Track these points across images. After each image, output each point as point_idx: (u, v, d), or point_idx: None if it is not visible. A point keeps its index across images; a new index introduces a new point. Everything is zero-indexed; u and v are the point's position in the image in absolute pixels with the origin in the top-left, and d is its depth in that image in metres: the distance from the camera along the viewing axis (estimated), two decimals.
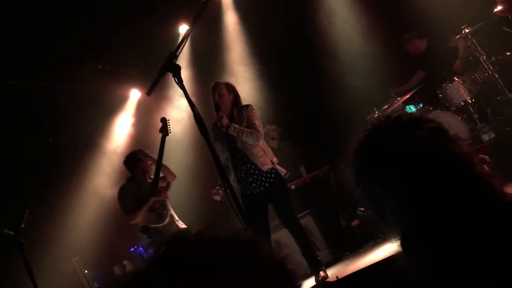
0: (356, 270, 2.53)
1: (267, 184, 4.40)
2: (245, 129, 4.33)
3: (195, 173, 6.89)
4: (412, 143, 0.98)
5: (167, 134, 4.76)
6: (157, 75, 2.73)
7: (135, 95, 7.65)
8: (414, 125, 1.05)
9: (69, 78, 6.71)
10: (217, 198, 4.38)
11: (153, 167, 4.72)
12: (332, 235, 5.79)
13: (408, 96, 5.82)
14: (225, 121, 4.37)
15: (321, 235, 5.57)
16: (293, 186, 6.11)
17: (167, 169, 4.80)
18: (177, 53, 2.76)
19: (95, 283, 6.29)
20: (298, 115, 7.08)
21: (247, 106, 4.54)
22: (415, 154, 0.97)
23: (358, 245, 5.61)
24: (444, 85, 5.79)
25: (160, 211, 4.60)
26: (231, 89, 4.57)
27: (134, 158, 4.74)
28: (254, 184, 4.40)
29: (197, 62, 7.34)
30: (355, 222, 5.82)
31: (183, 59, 7.15)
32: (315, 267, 4.49)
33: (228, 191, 2.75)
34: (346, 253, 5.51)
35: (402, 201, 0.98)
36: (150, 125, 7.47)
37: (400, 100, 5.79)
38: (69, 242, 6.69)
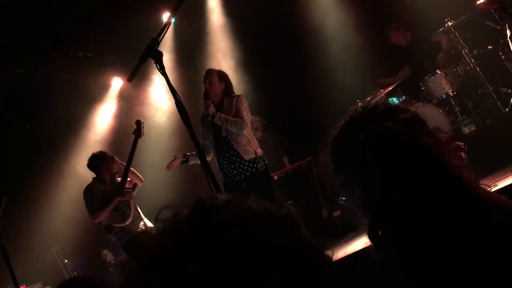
0: (335, 260, 2.54)
1: (248, 173, 4.40)
2: (230, 118, 4.34)
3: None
4: (377, 133, 0.98)
5: (140, 136, 4.84)
6: (138, 61, 2.69)
7: (117, 83, 7.55)
8: (388, 115, 1.04)
9: (49, 65, 6.60)
10: (170, 167, 4.48)
11: (122, 168, 4.80)
12: (313, 226, 5.82)
13: (391, 88, 5.86)
14: (212, 109, 4.37)
15: (303, 226, 5.59)
16: (275, 176, 6.12)
17: (133, 173, 4.84)
18: (159, 40, 2.72)
19: (75, 272, 6.24)
20: (282, 106, 7.07)
21: (238, 96, 4.56)
22: (379, 145, 0.97)
23: (339, 236, 5.65)
24: (426, 77, 5.83)
25: (124, 211, 4.64)
26: (223, 78, 4.57)
27: (100, 159, 4.81)
28: (235, 171, 4.41)
29: (180, 49, 7.27)
30: (336, 213, 5.86)
31: (166, 46, 7.08)
32: None
33: (208, 174, 2.70)
34: (328, 244, 5.54)
35: (365, 192, 0.97)
36: (133, 114, 7.39)
37: (383, 92, 5.82)
38: (48, 231, 6.61)
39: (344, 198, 5.75)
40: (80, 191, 7.27)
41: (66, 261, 6.27)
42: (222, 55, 7.30)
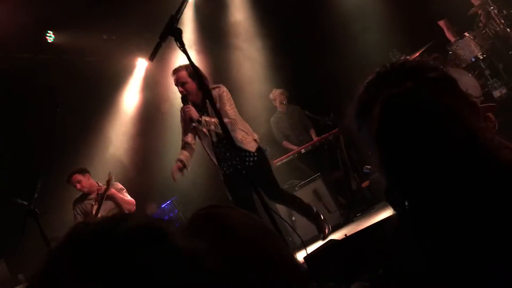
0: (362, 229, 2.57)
1: (251, 164, 4.13)
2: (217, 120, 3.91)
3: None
4: (394, 95, 0.96)
5: (108, 189, 4.85)
6: (158, 40, 2.70)
7: (142, 64, 7.62)
8: (414, 73, 1.01)
9: (75, 49, 6.70)
10: (174, 177, 4.20)
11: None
12: (343, 197, 5.83)
13: (417, 54, 5.71)
14: (194, 114, 3.97)
15: (332, 198, 5.59)
16: (302, 149, 6.12)
17: (117, 201, 4.95)
18: (178, 17, 2.73)
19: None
20: (306, 78, 7.01)
21: (218, 87, 4.11)
22: (394, 108, 0.95)
23: (369, 206, 5.65)
24: (454, 41, 5.66)
25: None
26: (192, 73, 3.92)
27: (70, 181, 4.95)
28: (234, 162, 4.15)
29: (200, 26, 7.25)
30: (365, 184, 5.83)
31: (187, 24, 7.08)
32: (319, 230, 4.55)
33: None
34: (357, 214, 5.54)
35: (382, 153, 0.96)
36: (158, 94, 7.48)
37: (409, 59, 5.67)
38: None
39: (369, 167, 5.72)
40: (111, 170, 7.50)
41: None
42: (244, 30, 7.25)
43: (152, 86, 7.69)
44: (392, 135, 0.93)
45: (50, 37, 6.35)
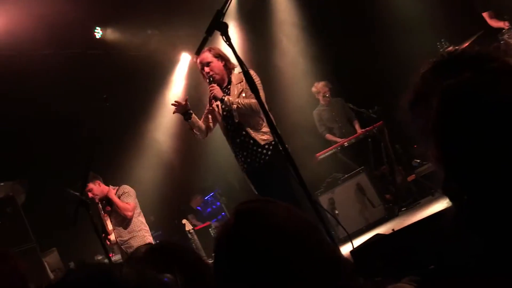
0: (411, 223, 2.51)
1: (267, 158, 3.82)
2: (242, 101, 3.79)
3: None
4: (451, 87, 0.93)
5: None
6: (205, 35, 2.73)
7: (185, 58, 7.73)
8: (473, 63, 0.98)
9: (121, 44, 6.87)
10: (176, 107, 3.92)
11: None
12: (387, 191, 5.73)
13: (466, 45, 5.52)
14: (218, 92, 3.83)
15: (376, 192, 5.52)
16: (346, 143, 6.05)
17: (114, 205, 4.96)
18: (224, 11, 2.74)
19: (157, 241, 6.60)
20: (350, 71, 6.91)
21: (246, 71, 4.00)
22: (451, 101, 0.92)
23: (414, 200, 5.54)
24: (506, 29, 5.43)
25: None
26: (219, 54, 3.95)
27: None
28: (249, 159, 3.87)
29: (244, 20, 7.27)
30: (411, 177, 5.72)
31: (230, 19, 7.12)
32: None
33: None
34: (402, 209, 5.45)
35: (439, 146, 0.93)
36: (202, 87, 7.56)
37: (459, 49, 5.49)
38: None
39: (418, 161, 5.59)
40: (158, 166, 7.69)
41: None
42: (288, 23, 7.22)
43: (196, 80, 7.79)
44: (452, 127, 0.91)
45: (98, 33, 6.54)
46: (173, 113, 4.04)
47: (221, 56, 3.93)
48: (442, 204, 4.36)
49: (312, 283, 0.99)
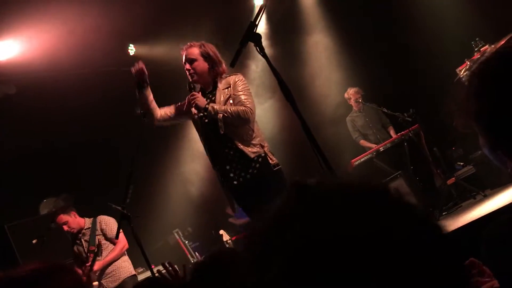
0: (457, 227, 2.44)
1: (255, 172, 3.42)
2: (229, 108, 3.40)
3: (283, 139, 6.86)
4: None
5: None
6: (239, 46, 2.76)
7: None
8: None
9: (153, 60, 7.01)
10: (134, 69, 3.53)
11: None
12: (426, 196, 5.61)
13: (502, 42, 5.38)
14: (201, 101, 3.43)
15: (415, 197, 5.40)
16: (381, 148, 5.98)
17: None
18: (256, 23, 2.77)
19: (196, 253, 6.66)
20: (381, 75, 6.85)
21: (235, 75, 3.55)
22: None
23: (455, 204, 5.41)
24: None
25: None
26: (207, 53, 3.54)
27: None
28: (231, 174, 3.47)
29: (273, 30, 7.32)
30: (451, 181, 5.59)
31: (262, 30, 7.17)
32: None
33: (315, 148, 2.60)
34: (443, 213, 5.32)
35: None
36: None
37: (495, 47, 5.37)
38: (168, 215, 7.13)
39: (462, 163, 5.46)
40: (189, 175, 7.77)
41: (186, 242, 6.71)
42: (317, 31, 7.23)
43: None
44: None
45: (132, 50, 6.70)
46: (133, 73, 3.59)
47: (209, 57, 3.54)
48: (484, 207, 4.24)
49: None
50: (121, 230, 4.35)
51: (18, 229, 5.44)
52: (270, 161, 3.45)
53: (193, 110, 3.53)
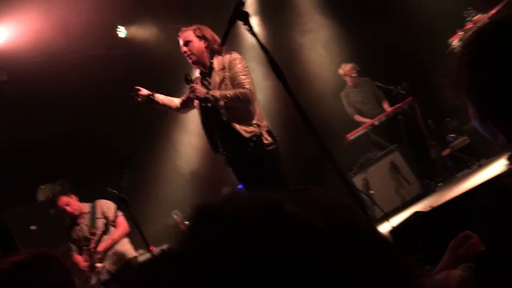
0: (453, 197, 2.47)
1: (250, 150, 3.47)
2: (229, 93, 3.42)
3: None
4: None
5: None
6: (227, 25, 2.73)
7: None
8: None
9: (144, 41, 6.94)
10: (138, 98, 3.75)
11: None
12: (422, 167, 5.65)
13: (494, 11, 5.34)
14: (201, 92, 3.47)
15: (410, 169, 5.45)
16: (376, 121, 5.98)
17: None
18: (244, 0, 2.73)
19: None
20: (375, 49, 6.80)
21: (230, 54, 3.57)
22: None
23: (450, 175, 5.45)
24: None
25: None
26: (202, 34, 3.62)
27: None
28: (230, 153, 3.57)
29: (265, 7, 7.23)
30: (446, 152, 5.62)
31: (251, 7, 7.09)
32: None
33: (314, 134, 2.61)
34: (439, 184, 5.37)
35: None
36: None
37: (487, 16, 5.32)
38: (167, 196, 7.15)
39: (453, 135, 5.48)
40: (187, 157, 7.78)
41: (186, 223, 6.75)
42: (309, 5, 7.14)
43: None
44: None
45: (121, 32, 6.61)
46: (137, 102, 3.80)
47: (204, 37, 3.61)
48: (479, 177, 4.27)
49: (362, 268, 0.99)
50: (122, 213, 4.38)
51: (16, 216, 5.47)
52: (265, 141, 3.46)
53: (195, 101, 3.60)
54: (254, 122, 3.48)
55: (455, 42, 5.25)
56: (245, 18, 2.69)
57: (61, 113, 6.11)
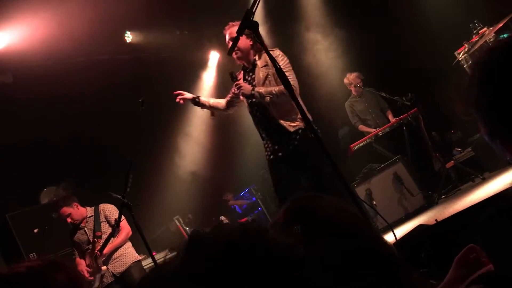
0: (456, 212, 2.45)
1: (291, 147, 3.67)
2: (273, 90, 3.57)
3: None
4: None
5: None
6: (236, 34, 2.75)
7: (214, 56, 7.79)
8: None
9: (151, 47, 6.97)
10: (180, 100, 3.93)
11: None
12: (425, 179, 5.63)
13: (501, 24, 5.35)
14: (246, 89, 3.58)
15: (414, 180, 5.43)
16: (380, 132, 5.98)
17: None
18: (253, 10, 2.75)
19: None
20: (381, 60, 6.82)
21: (272, 50, 3.63)
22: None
23: (454, 187, 5.43)
24: None
25: None
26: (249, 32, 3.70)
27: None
28: (276, 147, 3.73)
29: (270, 16, 7.26)
30: (450, 164, 5.61)
31: (258, 15, 7.11)
32: None
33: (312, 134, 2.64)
34: (442, 196, 5.35)
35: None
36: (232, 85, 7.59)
37: (493, 29, 5.34)
38: (169, 202, 7.16)
39: (459, 149, 5.47)
40: (188, 163, 7.79)
41: (187, 228, 6.75)
42: (315, 16, 7.17)
43: (225, 77, 7.84)
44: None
45: (128, 37, 6.65)
46: (180, 103, 3.97)
47: (250, 34, 3.65)
48: (485, 191, 4.25)
49: (367, 280, 1.00)
50: (123, 218, 4.38)
51: (19, 218, 5.47)
52: (310, 134, 3.58)
53: (241, 97, 3.76)
54: (298, 116, 3.61)
55: (461, 54, 5.26)
56: (254, 27, 2.71)
57: (66, 116, 6.13)
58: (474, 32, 5.62)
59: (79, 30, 5.72)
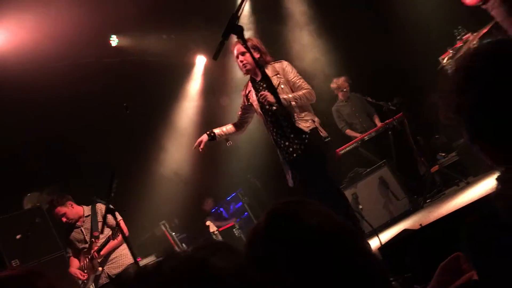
0: (441, 216, 2.47)
1: (303, 146, 3.83)
2: (297, 95, 3.79)
3: None
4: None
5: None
6: (221, 39, 2.74)
7: (201, 61, 7.76)
8: None
9: (137, 51, 6.92)
10: (201, 148, 4.08)
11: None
12: (410, 184, 5.68)
13: (485, 31, 5.41)
14: (271, 98, 3.66)
15: (399, 184, 5.47)
16: (366, 137, 6.01)
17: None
18: (238, 14, 2.74)
19: (183, 244, 6.66)
20: (367, 64, 6.86)
21: (280, 62, 3.96)
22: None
23: (439, 191, 5.48)
24: None
25: None
26: (254, 45, 3.88)
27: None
28: (291, 149, 3.88)
29: (257, 21, 7.27)
30: (434, 168, 5.66)
31: (244, 19, 7.12)
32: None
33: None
34: (427, 201, 5.39)
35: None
36: (219, 89, 7.60)
37: (477, 35, 5.40)
38: (154, 208, 7.10)
39: (443, 154, 5.52)
40: (174, 168, 7.74)
41: (173, 233, 6.70)
42: (302, 19, 7.19)
43: (211, 81, 7.82)
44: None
45: (114, 40, 6.60)
46: (202, 151, 4.13)
47: (257, 48, 3.89)
48: (469, 195, 4.30)
49: None
50: (120, 218, 4.31)
51: (1, 224, 5.37)
52: (321, 133, 3.85)
53: (255, 104, 3.96)
54: (309, 118, 3.84)
55: (445, 60, 5.31)
56: (239, 32, 2.70)
57: (49, 121, 6.05)
58: (458, 37, 5.67)
59: (64, 33, 5.65)
